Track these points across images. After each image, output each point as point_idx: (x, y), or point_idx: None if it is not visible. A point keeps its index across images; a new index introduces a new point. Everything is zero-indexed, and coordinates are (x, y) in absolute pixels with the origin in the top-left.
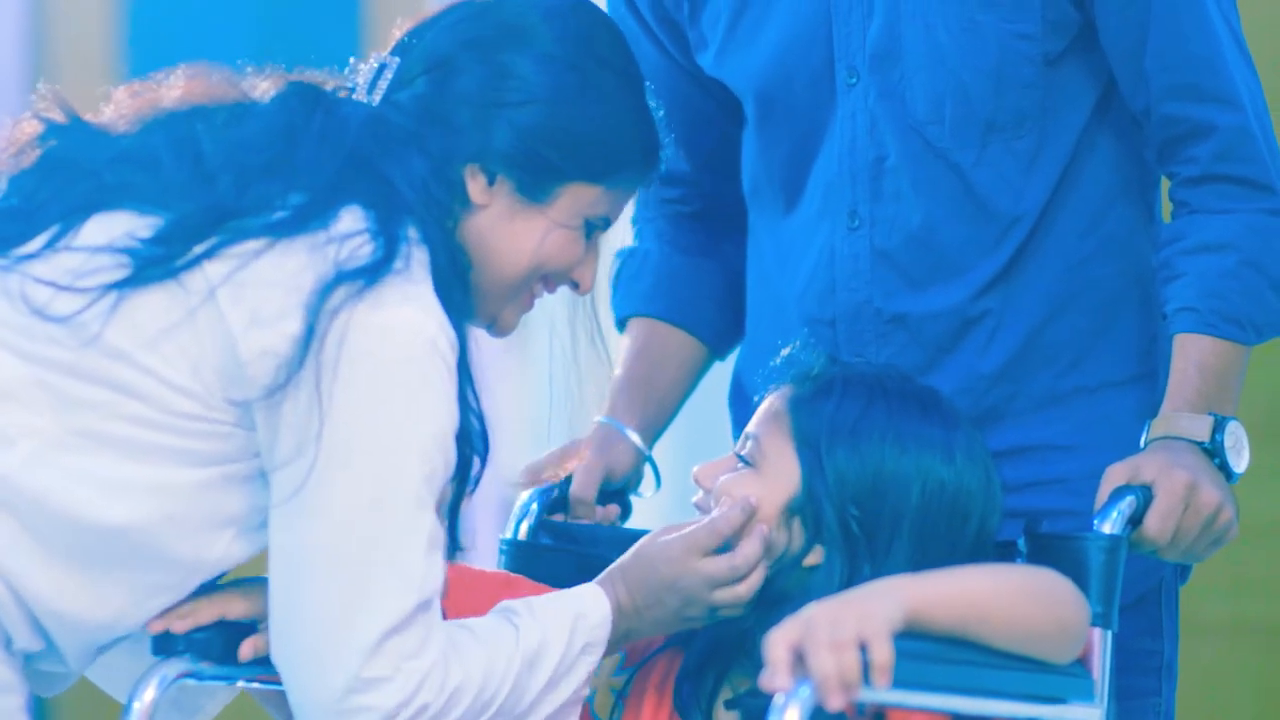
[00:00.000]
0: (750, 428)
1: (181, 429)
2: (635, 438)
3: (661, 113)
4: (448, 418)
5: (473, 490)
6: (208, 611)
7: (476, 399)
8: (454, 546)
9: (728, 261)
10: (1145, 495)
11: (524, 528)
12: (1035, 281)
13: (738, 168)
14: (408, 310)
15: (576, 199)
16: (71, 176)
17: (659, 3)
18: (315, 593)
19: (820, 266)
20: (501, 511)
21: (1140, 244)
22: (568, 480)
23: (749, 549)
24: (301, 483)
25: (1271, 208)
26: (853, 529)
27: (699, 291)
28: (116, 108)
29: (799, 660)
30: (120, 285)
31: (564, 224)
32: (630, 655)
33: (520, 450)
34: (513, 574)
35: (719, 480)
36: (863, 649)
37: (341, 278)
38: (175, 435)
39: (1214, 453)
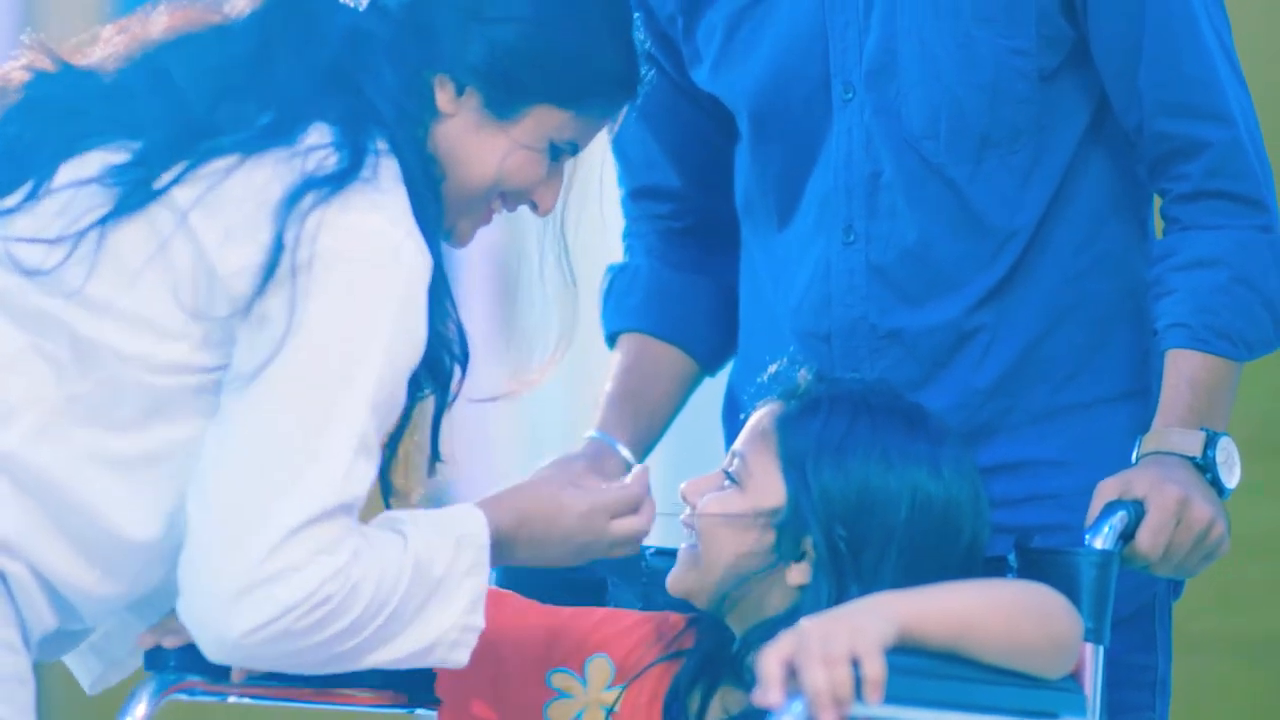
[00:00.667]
0: (737, 445)
1: (174, 387)
2: (626, 452)
3: (648, 46)
4: (409, 328)
5: (452, 401)
6: None
7: (454, 307)
8: (435, 457)
9: (719, 277)
10: (1137, 511)
11: None
12: (1030, 297)
13: (730, 183)
14: (375, 218)
15: (543, 121)
16: (54, 119)
17: (653, 17)
18: (244, 472)
19: (815, 281)
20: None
21: (1134, 260)
22: None
23: (640, 477)
24: (259, 368)
25: (1263, 224)
26: (840, 548)
27: (690, 307)
28: (104, 46)
29: (792, 676)
30: (101, 222)
31: (528, 144)
32: (621, 672)
33: (515, 443)
34: (501, 590)
35: (702, 500)
36: (855, 664)
37: (308, 185)
38: (170, 392)
39: (1206, 468)
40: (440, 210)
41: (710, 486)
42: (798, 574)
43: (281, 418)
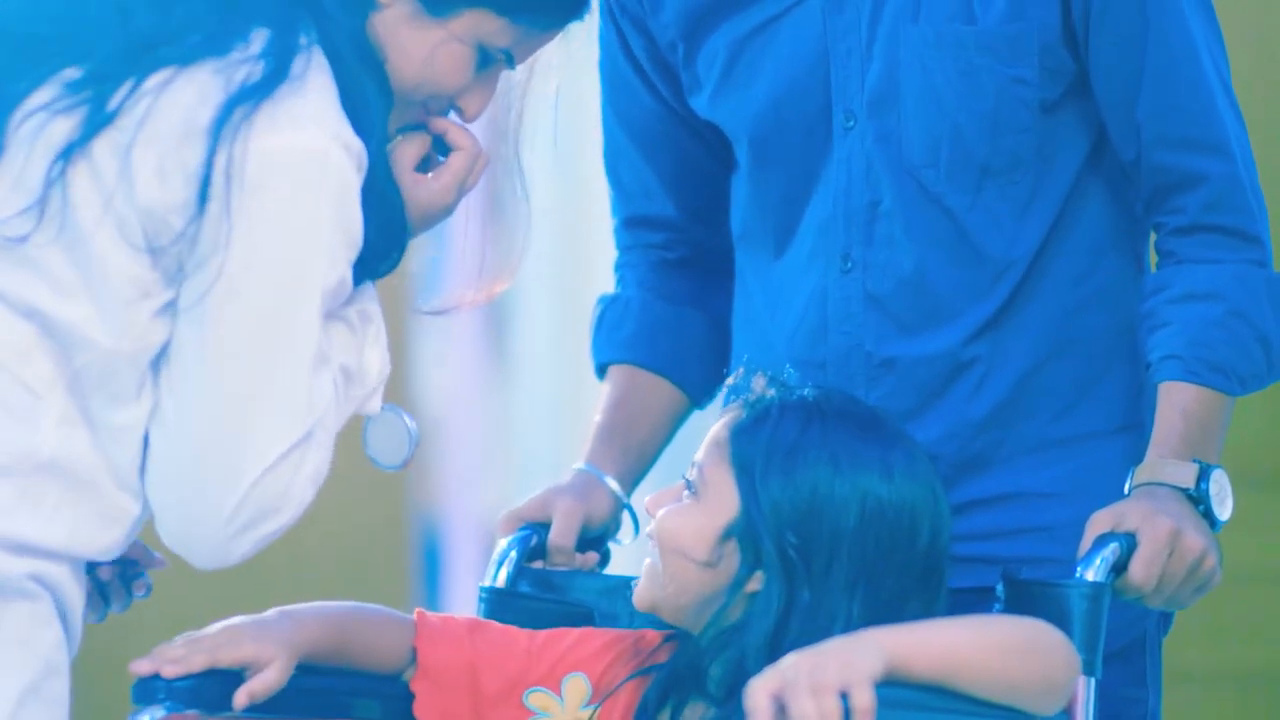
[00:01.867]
0: (696, 455)
1: (157, 342)
2: (614, 485)
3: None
4: (346, 229)
5: (389, 270)
6: (199, 660)
7: (395, 191)
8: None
9: (711, 310)
10: (1129, 543)
11: (503, 575)
12: (1026, 329)
13: (725, 216)
14: (302, 134)
15: (478, 24)
16: (12, 48)
17: (653, 44)
18: (211, 410)
19: (812, 309)
20: (482, 556)
21: (1129, 295)
22: (546, 527)
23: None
24: (204, 297)
25: (1258, 259)
26: (790, 555)
27: (681, 340)
28: None
29: (780, 710)
30: (64, 155)
31: (457, 41)
32: (597, 690)
33: (500, 459)
34: (481, 619)
35: (660, 513)
36: (844, 696)
37: (234, 103)
38: (154, 349)
39: (1199, 500)
40: (388, 96)
41: (672, 498)
42: (755, 583)
43: (241, 348)
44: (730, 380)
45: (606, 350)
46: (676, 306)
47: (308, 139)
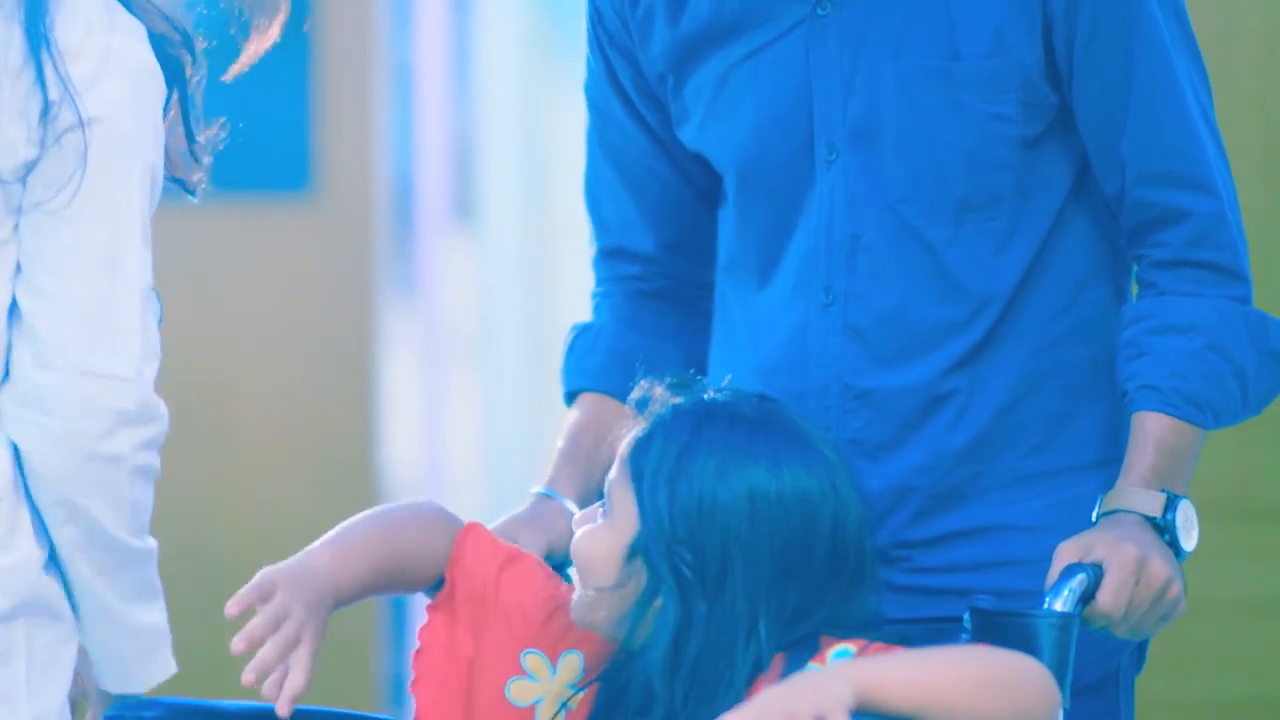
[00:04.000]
0: (609, 473)
1: None
2: (574, 509)
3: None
4: (150, 96)
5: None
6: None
7: (172, 23)
8: (191, 142)
9: (684, 344)
10: (1096, 572)
11: None
12: (1005, 362)
13: (705, 251)
14: (122, 58)
15: None
16: None
17: (641, 76)
18: (68, 320)
19: (793, 341)
20: None
21: (1110, 327)
22: None
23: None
24: (56, 209)
25: (1240, 295)
26: (681, 570)
27: (651, 371)
28: None
29: None
30: None
31: None
32: (586, 675)
33: (471, 483)
34: (517, 554)
35: (576, 534)
36: None
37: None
38: None
39: (1165, 529)
40: None
41: (591, 518)
42: (661, 600)
43: (88, 248)
44: (635, 394)
45: (575, 378)
46: (649, 338)
47: (127, 49)
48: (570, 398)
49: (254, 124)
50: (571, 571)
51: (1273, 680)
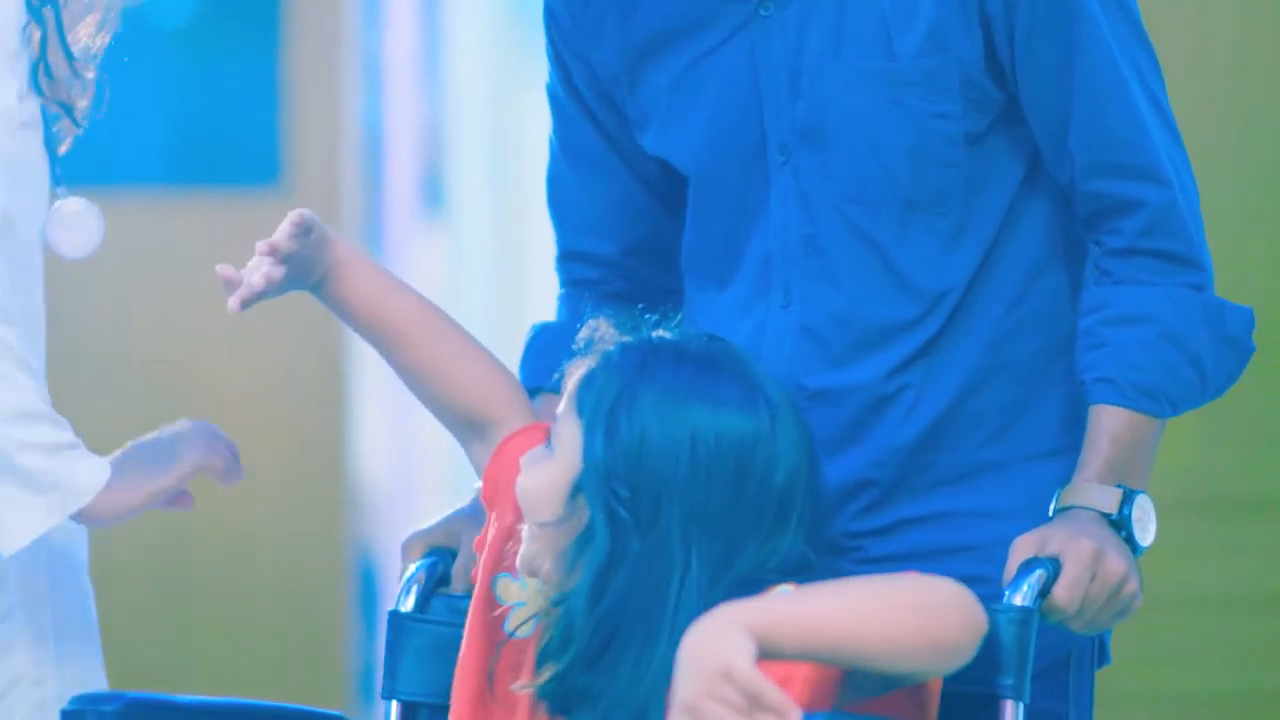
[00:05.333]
0: (557, 409)
1: None
2: None
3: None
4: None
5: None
6: None
7: None
8: (68, 57)
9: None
10: (1054, 568)
11: (410, 600)
12: (958, 356)
13: (667, 255)
14: None
15: None
16: None
17: (596, 78)
18: None
19: (750, 343)
20: None
21: (1065, 316)
22: (452, 553)
23: None
24: None
25: (1196, 283)
26: (615, 507)
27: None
28: None
29: None
30: None
31: None
32: None
33: (436, 489)
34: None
35: (518, 480)
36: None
37: None
38: None
39: (1121, 525)
40: None
41: (537, 455)
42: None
43: None
44: (583, 333)
45: (532, 376)
46: None
47: None
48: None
49: (223, 116)
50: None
51: (1242, 674)
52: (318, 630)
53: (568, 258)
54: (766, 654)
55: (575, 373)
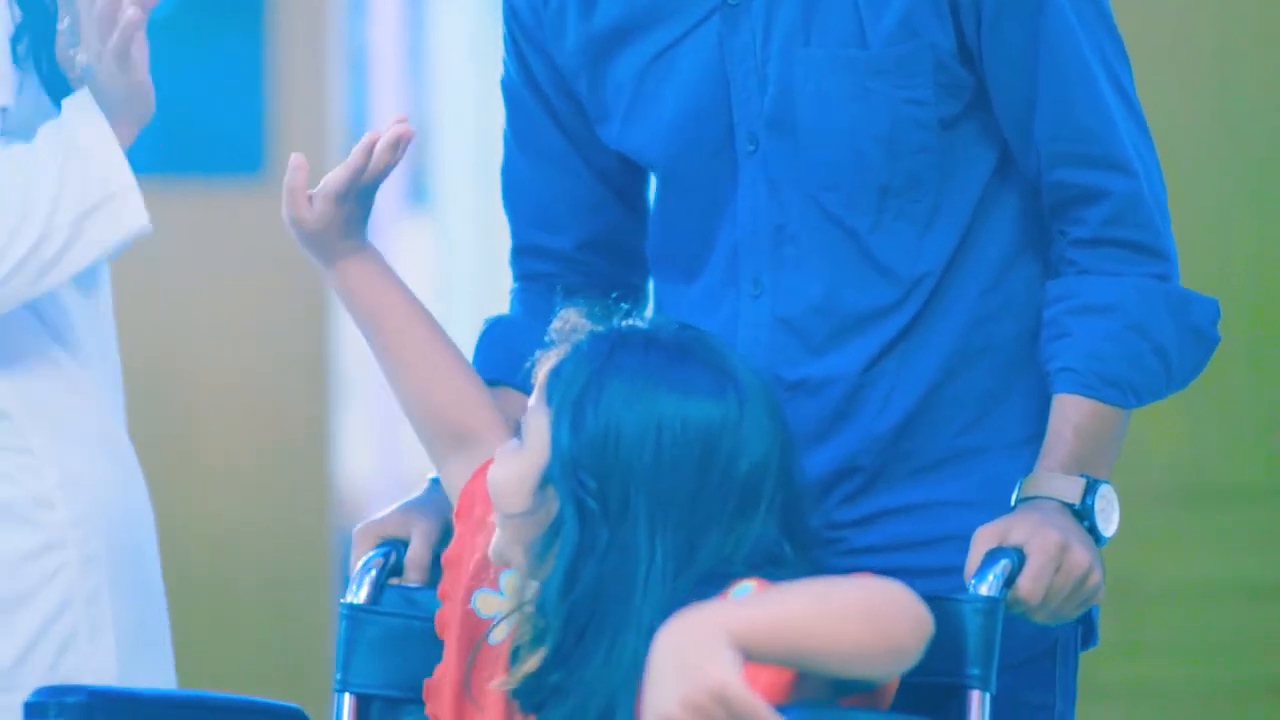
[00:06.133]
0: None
1: None
2: None
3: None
4: None
5: None
6: None
7: None
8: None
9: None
10: (1019, 558)
11: (364, 591)
12: (934, 342)
13: (624, 250)
14: None
15: None
16: None
17: (556, 71)
18: None
19: (723, 333)
20: None
21: (1039, 303)
22: (404, 543)
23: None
24: None
25: (1161, 272)
26: (585, 500)
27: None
28: None
29: None
30: None
31: None
32: None
33: (420, 475)
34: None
35: (489, 471)
36: None
37: None
38: None
39: (1084, 515)
40: None
41: (509, 447)
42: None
43: None
44: (555, 324)
45: (483, 370)
46: None
47: None
48: None
49: (207, 106)
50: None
51: (1227, 664)
52: (300, 622)
53: (522, 252)
54: (747, 657)
55: (545, 364)
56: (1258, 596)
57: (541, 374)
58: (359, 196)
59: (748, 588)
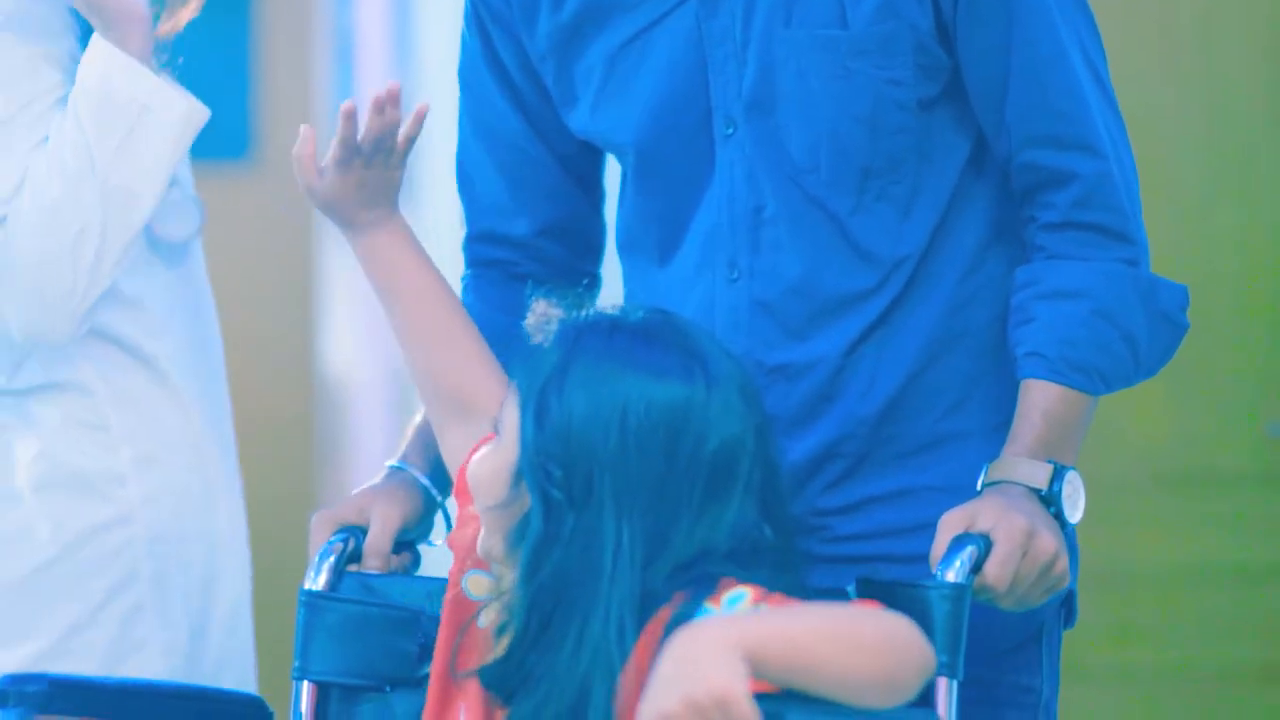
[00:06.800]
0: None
1: None
2: (425, 481)
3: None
4: None
5: None
6: None
7: None
8: None
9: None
10: (986, 544)
11: (323, 579)
12: (915, 325)
13: (581, 237)
14: None
15: None
16: None
17: (524, 54)
18: None
19: (700, 317)
20: None
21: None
22: (363, 530)
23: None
24: None
25: (1128, 257)
26: (550, 491)
27: (512, 351)
28: None
29: None
30: None
31: None
32: None
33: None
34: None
35: (470, 462)
36: None
37: None
38: None
39: (1050, 501)
40: None
41: (487, 441)
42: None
43: None
44: (530, 319)
45: None
46: (513, 319)
47: None
48: None
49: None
50: (426, 546)
51: (1213, 648)
52: (278, 610)
53: (478, 239)
54: (752, 673)
55: (520, 356)
56: (1245, 581)
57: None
58: (370, 165)
59: (743, 594)
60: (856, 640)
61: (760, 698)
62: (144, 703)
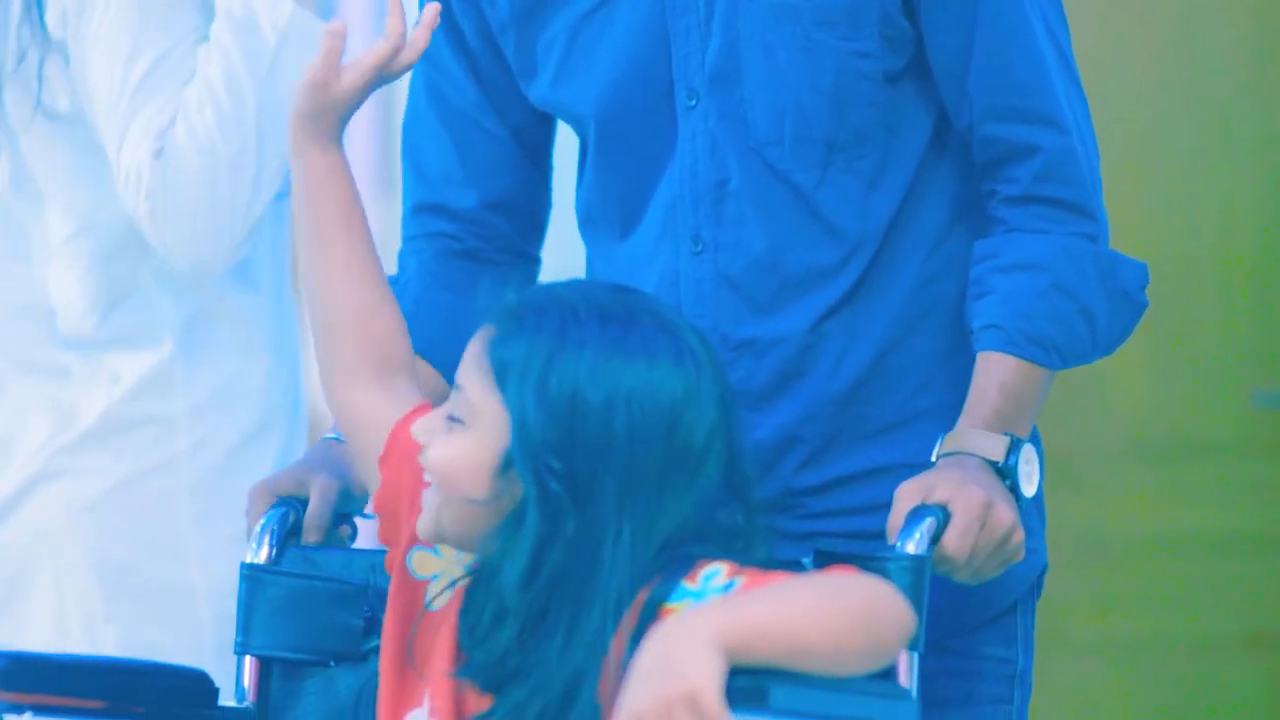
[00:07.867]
0: (458, 377)
1: None
2: None
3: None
4: None
5: None
6: None
7: None
8: None
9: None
10: (944, 515)
11: (264, 552)
12: (883, 301)
13: (524, 213)
14: None
15: None
16: None
17: (485, 23)
18: None
19: (663, 292)
20: None
21: None
22: (303, 502)
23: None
24: None
25: (1089, 232)
26: (550, 485)
27: (450, 327)
28: None
29: None
30: None
31: None
32: None
33: None
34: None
35: (432, 447)
36: None
37: None
38: None
39: (1006, 474)
40: None
41: (441, 428)
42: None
43: None
44: (484, 301)
45: None
46: (454, 295)
47: None
48: None
49: None
50: (361, 518)
51: (1193, 619)
52: None
53: (422, 210)
54: (734, 663)
55: (481, 338)
56: (1226, 551)
57: (478, 349)
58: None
59: (718, 571)
60: (835, 609)
61: (743, 671)
62: (95, 678)
